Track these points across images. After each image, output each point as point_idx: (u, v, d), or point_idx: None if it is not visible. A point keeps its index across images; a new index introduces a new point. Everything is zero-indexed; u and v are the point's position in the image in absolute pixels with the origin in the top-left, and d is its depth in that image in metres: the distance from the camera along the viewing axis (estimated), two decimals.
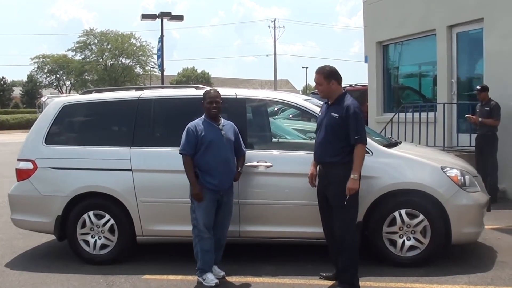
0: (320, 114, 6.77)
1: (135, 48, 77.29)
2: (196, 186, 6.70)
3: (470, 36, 13.31)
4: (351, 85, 21.34)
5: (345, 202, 6.20)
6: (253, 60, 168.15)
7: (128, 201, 7.48)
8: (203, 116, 6.91)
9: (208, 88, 7.39)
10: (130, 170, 7.50)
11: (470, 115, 11.68)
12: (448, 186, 7.10)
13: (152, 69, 76.52)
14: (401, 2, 15.41)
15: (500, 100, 11.26)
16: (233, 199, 7.07)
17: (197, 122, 6.85)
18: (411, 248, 7.11)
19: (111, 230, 7.58)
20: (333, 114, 6.37)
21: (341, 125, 6.27)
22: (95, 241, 7.62)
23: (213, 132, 6.78)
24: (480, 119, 11.32)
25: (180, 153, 6.79)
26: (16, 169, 7.94)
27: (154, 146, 7.64)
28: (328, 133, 6.39)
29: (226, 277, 6.90)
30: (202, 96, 6.97)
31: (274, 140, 9.08)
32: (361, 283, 6.37)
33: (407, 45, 15.82)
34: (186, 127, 6.82)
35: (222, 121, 6.94)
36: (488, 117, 11.24)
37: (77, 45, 76.62)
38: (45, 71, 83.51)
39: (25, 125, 47.08)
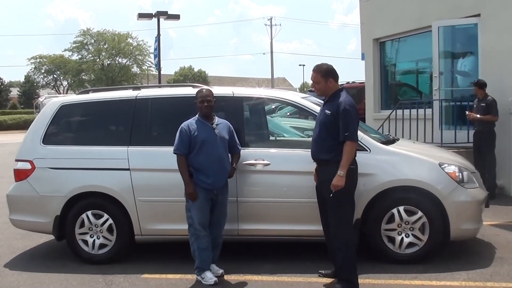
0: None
1: (132, 47, 77.15)
2: (189, 185, 6.72)
3: (457, 31, 13.32)
4: (348, 83, 21.36)
5: (331, 195, 6.19)
6: (250, 59, 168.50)
7: (126, 201, 7.47)
8: (197, 116, 6.92)
9: (205, 87, 7.37)
10: (128, 169, 7.50)
11: (469, 112, 11.68)
12: (446, 183, 7.10)
13: (149, 68, 76.48)
14: None
15: (497, 96, 11.26)
16: (231, 198, 7.09)
17: (190, 122, 6.86)
18: (410, 245, 7.11)
19: (110, 229, 7.57)
20: (326, 111, 6.37)
21: (334, 123, 6.26)
22: (94, 240, 7.61)
23: (206, 131, 6.78)
24: (478, 115, 11.32)
25: (174, 153, 6.80)
26: (14, 169, 7.94)
27: (152, 145, 7.65)
28: (322, 131, 6.40)
29: (225, 276, 6.91)
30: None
31: (271, 138, 9.07)
32: (360, 280, 6.37)
33: (404, 41, 15.81)
34: (180, 127, 6.83)
35: (216, 119, 6.94)
36: (485, 113, 11.25)
37: (74, 45, 76.51)
38: (42, 71, 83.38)
39: (23, 126, 47.02)
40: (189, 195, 6.73)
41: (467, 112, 11.83)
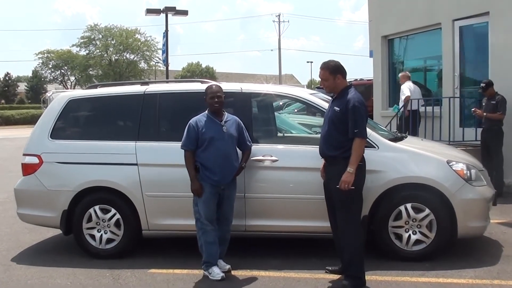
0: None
1: (139, 43, 77.26)
2: (195, 181, 6.74)
3: (474, 30, 13.27)
4: (356, 80, 21.33)
5: (340, 189, 6.15)
6: (257, 55, 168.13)
7: (134, 196, 7.49)
8: (206, 112, 6.91)
9: (213, 83, 7.36)
10: (136, 164, 7.51)
11: (476, 109, 11.65)
12: (454, 180, 7.08)
13: (156, 64, 76.54)
14: None
15: (506, 94, 11.21)
16: (239, 193, 7.10)
17: (199, 118, 6.85)
18: (417, 242, 7.10)
19: (117, 224, 7.59)
20: (335, 107, 6.36)
21: (342, 119, 6.25)
22: (101, 235, 7.63)
23: (214, 128, 6.78)
24: (485, 113, 11.30)
25: (181, 148, 6.82)
26: (22, 163, 7.96)
27: (160, 141, 7.64)
28: (330, 127, 6.39)
29: (232, 271, 6.91)
30: (204, 92, 6.98)
31: (279, 134, 9.07)
32: (367, 277, 6.37)
33: (412, 39, 15.76)
34: (188, 123, 6.84)
35: (226, 116, 6.93)
36: (494, 111, 11.21)
37: (82, 40, 76.68)
38: (50, 66, 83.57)
39: (30, 121, 47.10)
40: (195, 191, 6.75)
41: (472, 109, 11.80)
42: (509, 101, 11.20)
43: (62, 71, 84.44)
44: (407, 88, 13.82)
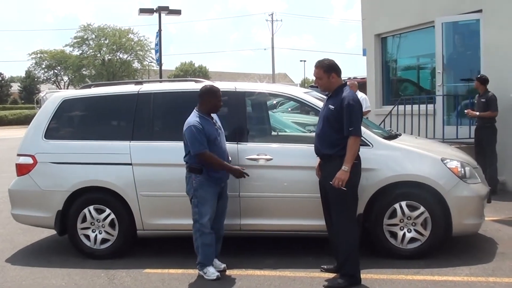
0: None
1: (132, 43, 77.08)
2: (231, 168, 6.71)
3: (462, 28, 13.31)
4: (349, 78, 21.34)
5: (334, 187, 6.14)
6: (250, 54, 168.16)
7: (128, 195, 7.47)
8: (197, 112, 6.79)
9: (209, 83, 7.31)
10: (130, 164, 7.49)
11: (469, 110, 11.65)
12: (449, 178, 7.10)
13: (150, 63, 76.41)
14: None
15: (499, 92, 11.24)
16: (234, 193, 7.13)
17: (197, 120, 6.69)
18: (412, 240, 7.11)
19: (112, 224, 7.57)
20: (330, 106, 6.37)
21: (337, 117, 6.26)
22: (96, 235, 7.61)
23: (212, 128, 6.75)
24: (477, 113, 11.31)
25: (199, 153, 6.58)
26: (16, 164, 7.93)
27: (154, 140, 7.63)
28: (325, 125, 6.39)
29: (227, 270, 6.91)
30: (204, 91, 6.86)
31: (273, 133, 9.07)
32: (362, 275, 6.37)
33: (405, 37, 15.77)
34: (192, 126, 6.59)
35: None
36: (485, 109, 11.23)
37: (75, 40, 76.42)
38: (43, 66, 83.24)
39: (24, 121, 46.97)
40: (239, 174, 6.72)
41: (466, 110, 11.82)
42: (502, 98, 11.22)
43: (55, 71, 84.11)
44: (367, 100, 14.07)
